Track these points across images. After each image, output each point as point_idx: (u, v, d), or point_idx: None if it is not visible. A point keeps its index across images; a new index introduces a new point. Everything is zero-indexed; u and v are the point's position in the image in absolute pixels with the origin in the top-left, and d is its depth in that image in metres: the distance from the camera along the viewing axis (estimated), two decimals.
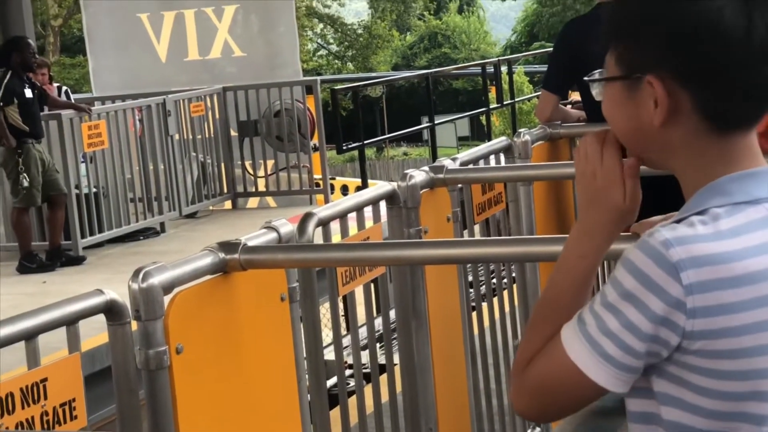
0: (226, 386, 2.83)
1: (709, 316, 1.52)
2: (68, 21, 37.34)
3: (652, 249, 1.54)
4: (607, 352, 1.56)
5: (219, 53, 13.39)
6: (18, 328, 2.37)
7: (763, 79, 1.56)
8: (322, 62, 45.45)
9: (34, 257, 9.85)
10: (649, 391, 1.61)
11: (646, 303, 1.53)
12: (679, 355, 1.55)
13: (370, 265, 3.43)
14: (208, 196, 12.21)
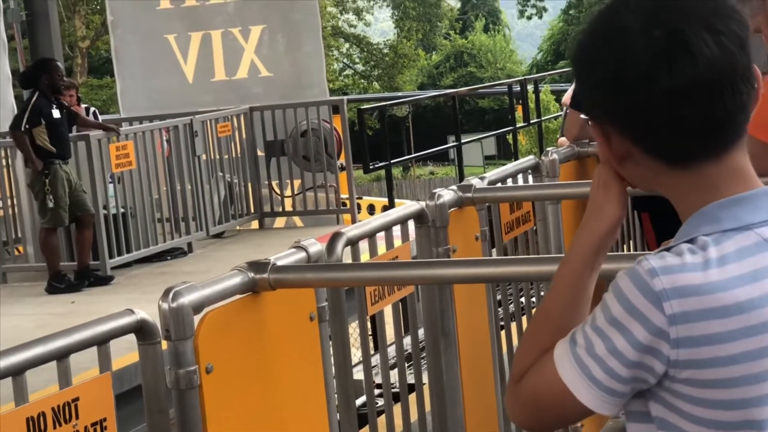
0: (255, 406, 2.83)
1: (695, 347, 1.52)
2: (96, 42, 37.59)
3: (638, 277, 1.55)
4: (594, 375, 1.57)
5: (246, 73, 13.43)
6: (50, 347, 2.38)
7: (681, 118, 1.54)
8: (348, 82, 45.55)
9: (62, 277, 9.89)
10: (648, 416, 1.61)
11: (630, 330, 1.54)
12: (669, 382, 1.56)
13: (398, 284, 3.42)
14: (235, 216, 12.23)
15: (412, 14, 46.49)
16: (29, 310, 9.29)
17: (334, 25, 43.68)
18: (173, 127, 11.33)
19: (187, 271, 10.46)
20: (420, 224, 3.77)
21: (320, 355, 3.12)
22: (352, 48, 46.36)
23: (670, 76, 1.52)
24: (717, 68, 1.52)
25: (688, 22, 1.54)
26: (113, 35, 14.01)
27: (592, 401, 1.59)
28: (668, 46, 1.53)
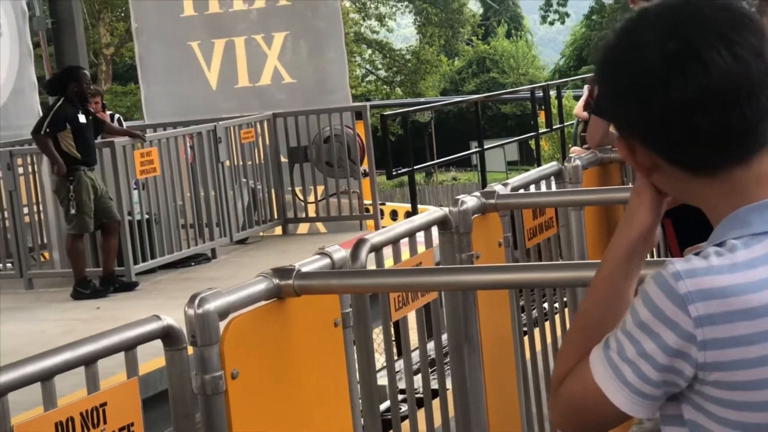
0: (280, 411, 2.85)
1: (722, 348, 1.54)
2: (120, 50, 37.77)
3: (664, 281, 1.57)
4: (626, 378, 1.60)
5: (269, 80, 13.47)
6: (78, 353, 2.42)
7: (696, 128, 1.56)
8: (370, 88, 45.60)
9: (87, 283, 9.94)
10: (681, 419, 1.63)
11: (660, 335, 1.56)
12: (699, 385, 1.58)
13: (422, 290, 3.44)
14: (259, 222, 12.27)
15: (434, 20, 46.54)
16: (55, 315, 9.36)
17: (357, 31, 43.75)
18: (197, 133, 11.38)
19: (211, 277, 10.50)
20: (443, 230, 3.79)
21: (344, 360, 3.14)
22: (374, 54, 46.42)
23: (684, 85, 1.55)
24: (731, 77, 1.54)
25: (702, 34, 1.56)
26: (137, 42, 14.08)
27: (624, 404, 1.61)
28: (681, 57, 1.56)
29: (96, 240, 10.31)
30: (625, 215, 1.74)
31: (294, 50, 13.49)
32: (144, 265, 10.51)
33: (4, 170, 10.63)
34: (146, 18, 13.87)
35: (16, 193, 10.63)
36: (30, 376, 2.29)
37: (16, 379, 2.25)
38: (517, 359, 4.12)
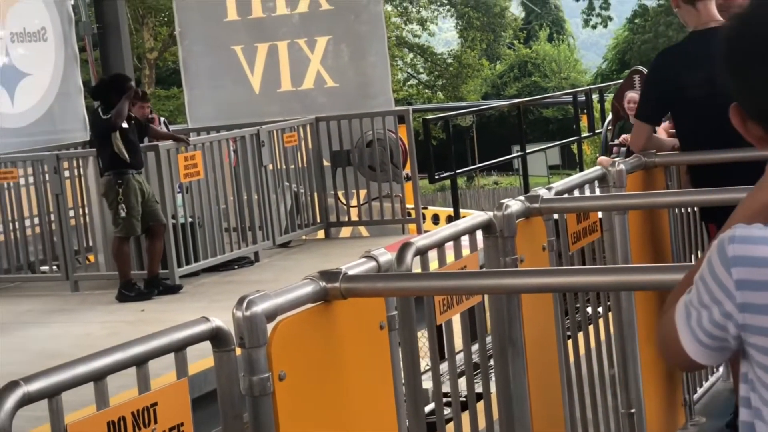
0: (327, 412, 2.88)
1: (756, 314, 1.65)
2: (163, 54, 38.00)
3: (721, 241, 1.69)
4: (690, 322, 1.72)
5: (312, 84, 13.53)
6: (129, 354, 2.45)
7: None
8: (412, 92, 45.61)
9: (132, 286, 10.02)
10: (745, 377, 1.74)
11: (713, 291, 1.68)
12: (746, 346, 1.68)
13: (467, 294, 3.46)
14: (302, 226, 12.32)
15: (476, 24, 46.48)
16: (100, 317, 9.44)
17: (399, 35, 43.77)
18: (240, 137, 11.45)
19: (254, 280, 10.55)
20: (488, 234, 3.80)
21: (390, 363, 3.17)
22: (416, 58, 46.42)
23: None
24: None
25: None
26: (181, 47, 14.18)
27: (687, 344, 1.73)
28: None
29: (141, 243, 10.39)
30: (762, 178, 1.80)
31: (336, 54, 13.54)
32: (187, 268, 10.57)
33: (51, 174, 10.74)
34: (190, 23, 13.97)
35: (62, 196, 10.74)
36: (83, 376, 2.33)
37: (69, 379, 2.29)
38: (560, 363, 4.13)
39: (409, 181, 12.42)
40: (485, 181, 42.80)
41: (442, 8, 47.55)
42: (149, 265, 10.11)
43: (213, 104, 13.93)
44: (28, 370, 7.19)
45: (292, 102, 13.51)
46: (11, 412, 2.15)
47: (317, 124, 12.50)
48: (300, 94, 13.57)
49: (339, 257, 11.06)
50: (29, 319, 9.77)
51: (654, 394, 4.90)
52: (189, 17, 13.98)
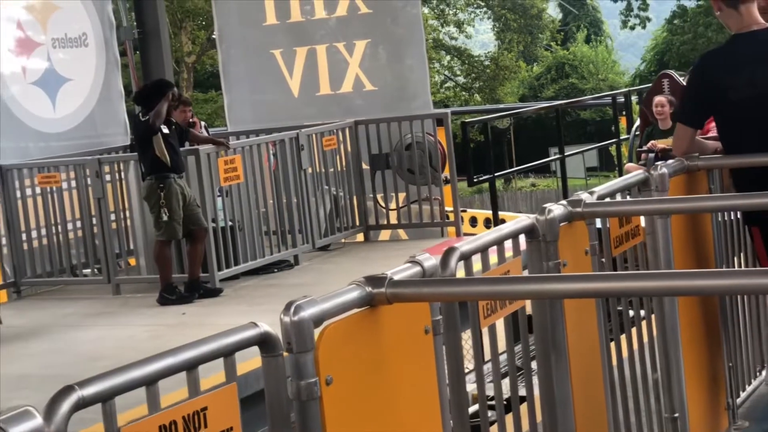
0: (373, 416, 2.91)
1: None
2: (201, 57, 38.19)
3: None
4: None
5: (350, 87, 13.57)
6: (180, 359, 2.48)
7: None
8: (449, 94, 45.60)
9: (173, 289, 10.08)
10: None
11: None
12: None
13: (511, 299, 3.48)
14: (341, 229, 12.36)
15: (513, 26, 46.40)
16: (142, 321, 9.51)
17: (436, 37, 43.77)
18: (280, 140, 11.50)
19: (294, 283, 10.60)
20: (530, 239, 3.82)
21: (434, 367, 3.19)
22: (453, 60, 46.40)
23: None
24: None
25: None
26: (220, 51, 14.26)
27: None
28: None
29: (181, 246, 10.46)
30: None
31: (374, 57, 13.57)
32: (228, 271, 10.63)
33: (93, 178, 10.84)
34: (229, 26, 14.04)
35: (104, 200, 10.84)
36: (136, 381, 2.36)
37: (123, 383, 2.33)
38: (603, 366, 4.14)
39: (448, 183, 12.43)
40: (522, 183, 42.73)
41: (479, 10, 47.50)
42: (190, 268, 10.17)
43: (252, 107, 14.00)
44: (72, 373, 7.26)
45: (331, 105, 13.55)
46: (67, 416, 2.19)
47: (356, 128, 12.54)
48: (338, 97, 13.61)
49: (378, 260, 11.10)
50: (72, 321, 9.86)
51: (697, 398, 4.90)
52: (228, 21, 14.05)
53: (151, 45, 13.42)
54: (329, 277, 10.64)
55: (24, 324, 9.96)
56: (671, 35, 46.03)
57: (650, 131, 13.65)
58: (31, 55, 12.28)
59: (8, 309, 10.47)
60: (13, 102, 11.99)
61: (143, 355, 2.46)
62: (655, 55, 48.15)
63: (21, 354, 8.79)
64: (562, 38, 52.34)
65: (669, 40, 46.05)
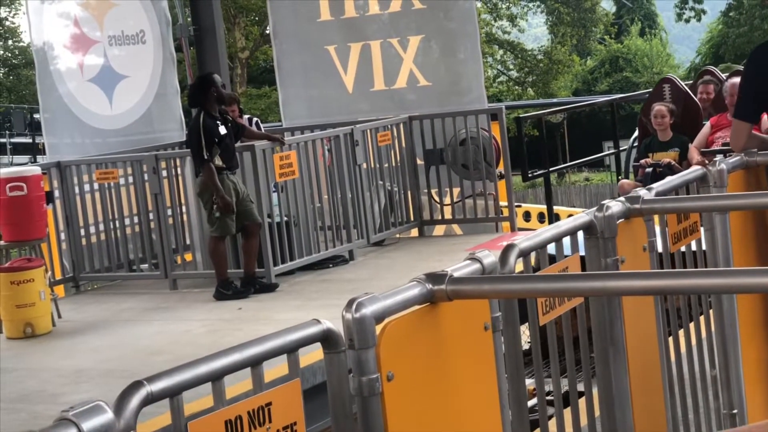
0: (433, 412, 2.94)
1: None
2: (254, 53, 38.37)
3: None
4: None
5: (405, 83, 13.58)
6: (245, 355, 2.52)
7: None
8: (502, 88, 45.49)
9: (229, 284, 10.15)
10: None
11: None
12: None
13: (570, 296, 3.50)
14: (395, 224, 12.38)
15: (566, 20, 46.18)
16: (199, 315, 9.59)
17: (488, 31, 43.66)
18: (335, 136, 11.54)
19: (349, 278, 10.63)
20: (589, 235, 3.83)
21: (494, 363, 3.21)
22: (506, 54, 46.27)
23: None
24: None
25: None
26: (275, 46, 14.32)
27: None
28: None
29: (237, 242, 10.53)
30: None
31: (428, 53, 13.57)
32: (283, 266, 10.69)
33: (150, 174, 10.94)
34: (283, 22, 14.10)
35: (160, 195, 10.93)
36: (203, 376, 2.41)
37: (190, 379, 2.37)
38: (662, 362, 4.14)
39: (502, 178, 12.42)
40: (576, 178, 42.52)
41: (531, 4, 47.35)
42: (245, 263, 10.23)
43: (307, 103, 14.05)
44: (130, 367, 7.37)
45: (385, 101, 13.58)
46: (136, 411, 2.24)
47: (410, 123, 12.56)
48: (392, 93, 13.63)
49: (433, 255, 11.12)
50: (129, 316, 9.97)
51: (756, 394, 4.88)
52: (282, 17, 14.11)
53: (206, 41, 13.51)
54: (384, 272, 10.67)
55: (82, 319, 10.07)
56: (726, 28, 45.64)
57: (648, 143, 12.08)
58: (87, 52, 12.42)
59: (67, 304, 10.60)
60: (70, 99, 12.13)
61: (200, 350, 2.51)
62: (711, 48, 47.77)
63: (79, 348, 8.90)
64: (616, 31, 52.00)
65: (724, 33, 45.67)
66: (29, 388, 7.74)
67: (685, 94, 12.44)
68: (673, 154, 11.76)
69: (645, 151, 12.02)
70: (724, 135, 10.97)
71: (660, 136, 11.95)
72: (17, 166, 11.94)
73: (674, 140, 11.86)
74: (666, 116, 11.86)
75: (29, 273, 9.51)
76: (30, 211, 10.02)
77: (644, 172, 11.63)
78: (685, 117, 12.15)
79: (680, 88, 12.54)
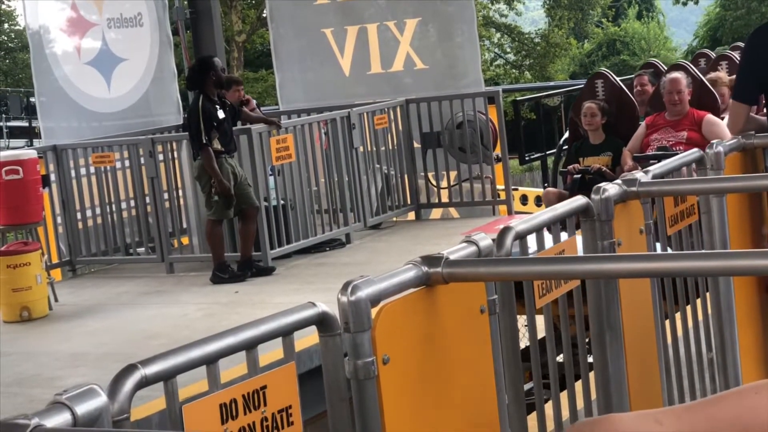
0: (429, 395, 2.93)
1: None
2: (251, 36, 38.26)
3: None
4: None
5: (401, 66, 13.56)
6: (240, 338, 2.51)
7: None
8: (499, 72, 45.41)
9: (226, 268, 10.14)
10: None
11: None
12: None
13: (567, 278, 3.49)
14: (392, 208, 12.38)
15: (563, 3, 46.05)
16: (196, 299, 9.58)
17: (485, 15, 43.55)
18: (331, 120, 11.52)
19: (346, 262, 10.63)
20: (585, 218, 3.82)
21: (490, 346, 3.20)
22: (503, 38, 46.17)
23: None
24: None
25: None
26: (271, 30, 14.29)
27: None
28: None
29: (234, 225, 10.52)
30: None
31: (425, 36, 13.55)
32: (280, 250, 10.68)
33: (146, 157, 10.92)
34: (280, 6, 14.07)
35: (157, 179, 10.91)
36: (197, 360, 2.40)
37: (184, 362, 2.36)
38: (658, 345, 4.14)
39: (500, 162, 12.40)
40: None
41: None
42: (242, 247, 10.22)
43: (303, 86, 14.03)
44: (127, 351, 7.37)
45: (382, 84, 13.56)
46: (130, 394, 2.23)
47: (407, 106, 12.55)
48: (389, 76, 13.61)
49: (430, 239, 11.11)
50: (126, 300, 9.96)
51: (753, 378, 4.87)
52: (279, 1, 14.08)
53: (202, 24, 13.48)
54: (381, 255, 10.66)
55: (79, 302, 10.07)
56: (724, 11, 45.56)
57: (579, 146, 10.67)
58: (84, 35, 12.38)
59: (63, 287, 10.59)
60: (66, 82, 12.10)
61: (197, 334, 2.50)
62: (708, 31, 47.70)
63: (76, 332, 8.90)
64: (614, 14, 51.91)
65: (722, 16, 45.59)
66: (26, 372, 7.74)
67: (619, 90, 10.93)
68: (605, 158, 10.35)
69: (575, 155, 10.60)
70: (660, 137, 10.02)
71: (591, 138, 10.54)
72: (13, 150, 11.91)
73: (607, 143, 10.43)
74: (597, 115, 10.39)
75: (26, 257, 9.50)
76: (26, 194, 10.01)
77: (572, 179, 10.29)
78: (620, 117, 10.70)
79: (614, 84, 11.00)
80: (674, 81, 10.04)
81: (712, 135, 9.16)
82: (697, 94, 10.35)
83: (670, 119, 10.04)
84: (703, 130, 9.80)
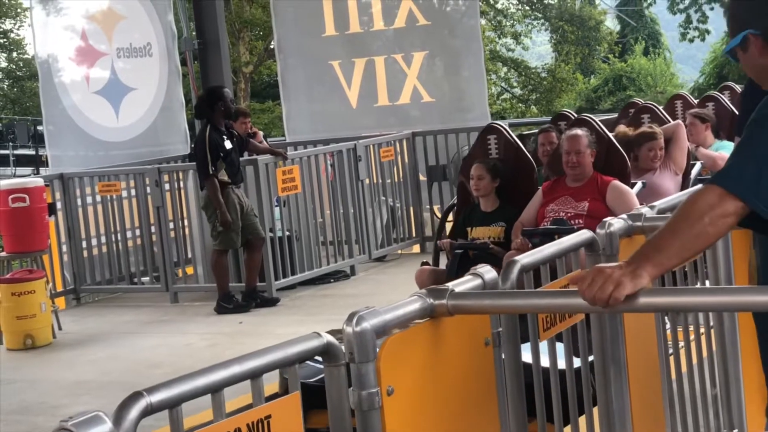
0: (433, 426, 2.93)
1: None
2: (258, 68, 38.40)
3: None
4: None
5: (408, 99, 13.60)
6: (245, 367, 2.52)
7: None
8: (506, 105, 45.52)
9: (231, 298, 10.15)
10: None
11: None
12: None
13: (571, 312, 3.49)
14: (397, 240, 12.39)
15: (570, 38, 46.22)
16: (200, 329, 9.58)
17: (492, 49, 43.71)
18: (337, 151, 11.55)
19: (350, 293, 10.63)
20: (590, 252, 3.83)
21: (494, 379, 3.21)
22: (509, 72, 46.31)
23: None
24: None
25: None
26: (279, 61, 14.35)
27: None
28: None
29: (239, 255, 10.53)
30: None
31: (432, 69, 13.60)
32: (285, 281, 10.68)
33: (152, 186, 10.94)
34: (288, 37, 14.14)
35: (162, 208, 10.94)
36: (202, 388, 2.40)
37: (189, 390, 2.37)
38: (663, 380, 4.13)
39: None
40: None
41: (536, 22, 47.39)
42: (247, 277, 10.23)
43: (310, 118, 14.08)
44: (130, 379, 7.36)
45: (388, 116, 13.60)
46: (135, 422, 2.24)
47: (413, 139, 12.59)
48: (396, 109, 13.66)
49: None
50: (130, 329, 9.96)
51: (757, 414, 4.86)
52: (287, 32, 14.15)
53: (210, 55, 13.53)
54: (385, 287, 10.66)
55: (83, 330, 10.07)
56: None
57: (468, 214, 8.19)
58: (93, 65, 12.45)
59: (67, 315, 10.60)
60: (74, 111, 12.16)
61: (200, 363, 2.51)
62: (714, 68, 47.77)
63: (79, 360, 8.90)
64: (620, 50, 52.02)
65: None
66: (29, 400, 7.74)
67: (515, 148, 8.31)
68: (497, 229, 7.97)
69: (462, 225, 8.22)
70: (557, 208, 7.69)
71: (483, 205, 8.16)
72: (20, 178, 11.94)
73: (500, 211, 8.07)
74: (484, 178, 8.04)
75: (30, 284, 9.51)
76: (32, 222, 10.04)
77: (453, 254, 7.82)
78: (517, 179, 8.16)
79: (509, 140, 8.39)
80: (573, 139, 7.69)
81: (617, 206, 7.29)
82: (603, 154, 7.91)
83: (571, 186, 7.73)
84: (607, 198, 7.58)
